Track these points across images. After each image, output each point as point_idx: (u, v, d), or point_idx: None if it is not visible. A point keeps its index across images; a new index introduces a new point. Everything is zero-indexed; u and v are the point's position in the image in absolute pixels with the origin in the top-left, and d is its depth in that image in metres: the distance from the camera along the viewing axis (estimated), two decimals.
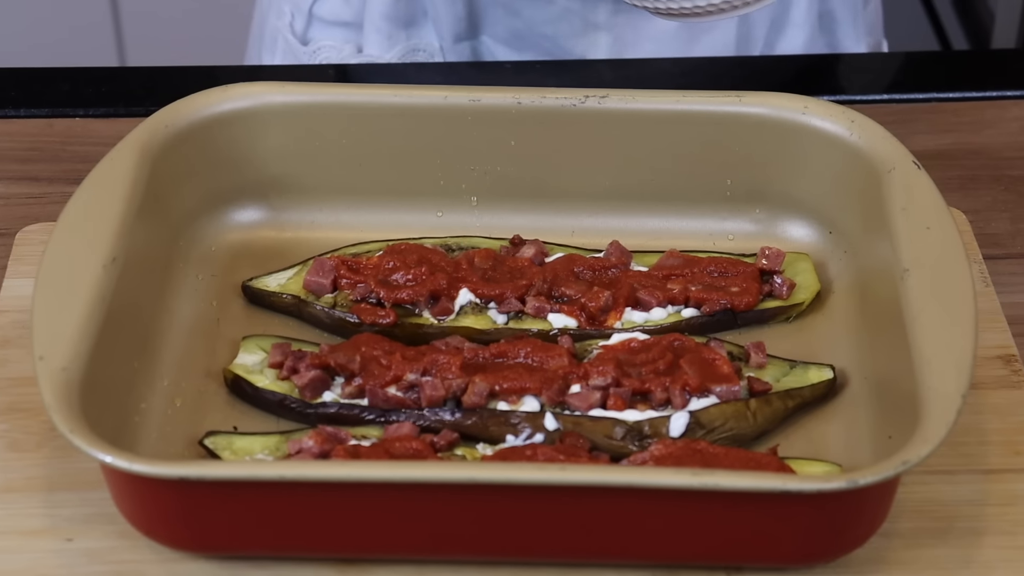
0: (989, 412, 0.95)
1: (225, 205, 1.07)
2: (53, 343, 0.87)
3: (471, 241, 1.05)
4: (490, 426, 0.93)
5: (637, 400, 0.93)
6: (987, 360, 0.98)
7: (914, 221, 0.95)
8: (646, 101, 1.05)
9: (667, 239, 1.06)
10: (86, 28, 2.41)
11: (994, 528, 0.88)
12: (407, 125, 1.06)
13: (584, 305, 1.00)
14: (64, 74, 1.27)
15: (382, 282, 1.01)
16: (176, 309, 1.01)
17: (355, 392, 0.94)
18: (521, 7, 1.28)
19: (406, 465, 0.85)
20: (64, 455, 0.92)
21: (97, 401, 0.87)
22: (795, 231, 1.07)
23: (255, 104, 1.06)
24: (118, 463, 0.82)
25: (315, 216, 1.08)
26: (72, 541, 0.88)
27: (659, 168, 1.07)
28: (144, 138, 1.01)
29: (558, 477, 0.82)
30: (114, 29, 2.43)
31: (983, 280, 1.04)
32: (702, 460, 0.89)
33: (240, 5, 2.04)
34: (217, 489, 0.83)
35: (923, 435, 0.83)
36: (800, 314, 1.02)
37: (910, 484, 0.90)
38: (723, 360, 0.95)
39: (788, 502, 0.82)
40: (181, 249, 1.04)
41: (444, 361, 0.95)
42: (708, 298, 1.00)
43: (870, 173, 1.01)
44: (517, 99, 1.05)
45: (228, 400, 0.96)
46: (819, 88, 1.22)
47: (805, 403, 0.95)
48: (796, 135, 1.04)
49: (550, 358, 0.95)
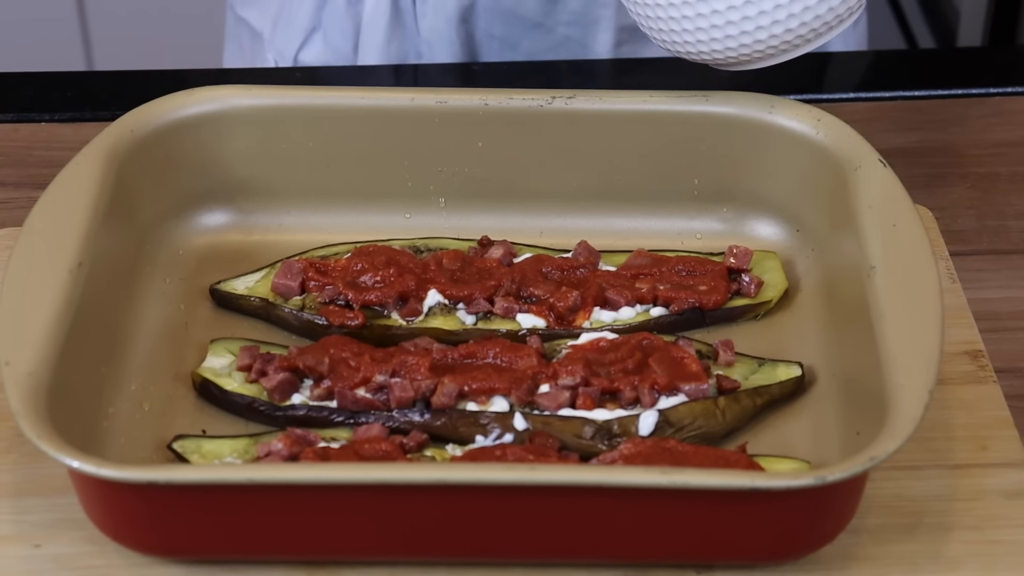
0: (956, 407, 0.95)
1: (192, 209, 1.07)
2: (19, 348, 0.87)
3: (439, 242, 1.05)
4: (459, 427, 0.93)
5: (606, 399, 0.94)
6: (954, 356, 0.98)
7: (880, 219, 0.96)
8: (613, 101, 1.05)
9: (635, 239, 1.07)
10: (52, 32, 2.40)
11: (962, 523, 0.89)
12: (374, 127, 1.06)
13: (553, 305, 1.00)
14: (29, 79, 1.27)
15: (350, 284, 1.00)
16: (144, 313, 1.01)
17: (324, 394, 0.94)
18: (519, 39, 1.28)
19: (376, 467, 0.85)
20: (31, 460, 0.91)
21: (64, 406, 0.87)
22: (763, 229, 1.07)
23: (221, 107, 1.05)
24: (86, 468, 0.82)
25: (283, 219, 1.08)
26: (40, 547, 0.88)
27: (627, 168, 1.07)
28: (110, 142, 1.01)
29: (528, 477, 0.82)
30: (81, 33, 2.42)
31: (949, 277, 1.04)
32: (671, 459, 0.89)
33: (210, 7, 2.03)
34: (186, 493, 0.83)
35: (891, 431, 0.83)
36: (768, 312, 1.03)
37: (878, 480, 0.90)
38: (692, 358, 0.95)
39: (757, 499, 0.82)
40: (148, 253, 1.04)
41: (413, 362, 0.95)
42: (676, 297, 1.01)
43: (837, 171, 1.01)
44: (484, 100, 1.05)
45: (196, 404, 0.96)
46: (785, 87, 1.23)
47: (773, 400, 0.96)
48: (763, 134, 1.05)
49: (519, 358, 0.95)
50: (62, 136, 1.19)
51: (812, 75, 1.27)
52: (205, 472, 0.84)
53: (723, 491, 0.82)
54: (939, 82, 1.25)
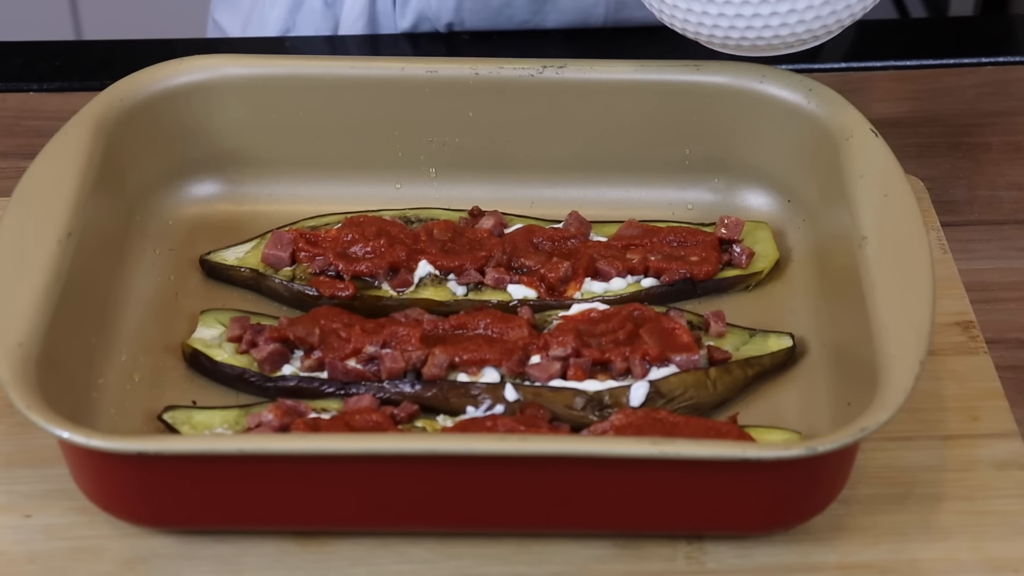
0: (947, 378, 0.95)
1: (182, 179, 1.06)
2: (9, 319, 0.87)
3: (430, 213, 1.05)
4: (450, 398, 0.93)
5: (597, 370, 0.94)
6: (945, 327, 0.98)
7: (872, 189, 0.96)
8: (604, 71, 1.05)
9: (626, 209, 1.06)
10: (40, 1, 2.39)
11: (952, 493, 0.89)
12: (364, 97, 1.05)
13: (544, 276, 1.00)
14: (18, 48, 1.26)
15: (341, 255, 1.00)
16: (133, 283, 1.00)
17: (314, 365, 0.94)
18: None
19: (366, 437, 0.85)
20: (22, 431, 0.91)
21: (54, 377, 0.87)
22: (754, 200, 1.07)
23: (211, 77, 1.05)
24: (76, 439, 0.81)
25: (273, 189, 1.08)
26: (30, 517, 0.88)
27: (618, 138, 1.07)
28: (99, 112, 1.01)
29: (518, 448, 0.82)
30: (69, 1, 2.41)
31: (941, 247, 1.04)
32: (662, 429, 0.89)
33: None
34: (176, 464, 0.83)
35: (881, 402, 0.83)
36: (759, 283, 1.03)
37: (869, 451, 0.90)
38: (683, 329, 0.95)
39: (748, 470, 0.82)
40: (138, 223, 1.03)
41: (404, 333, 0.94)
42: (667, 268, 1.00)
43: (828, 141, 1.01)
44: (474, 70, 1.05)
45: (187, 374, 0.96)
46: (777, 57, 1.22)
47: (765, 371, 0.96)
48: (754, 104, 1.04)
49: (510, 329, 0.95)
50: (51, 106, 1.19)
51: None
52: (195, 443, 0.84)
53: (714, 461, 0.82)
54: (931, 52, 1.25)
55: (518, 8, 1.24)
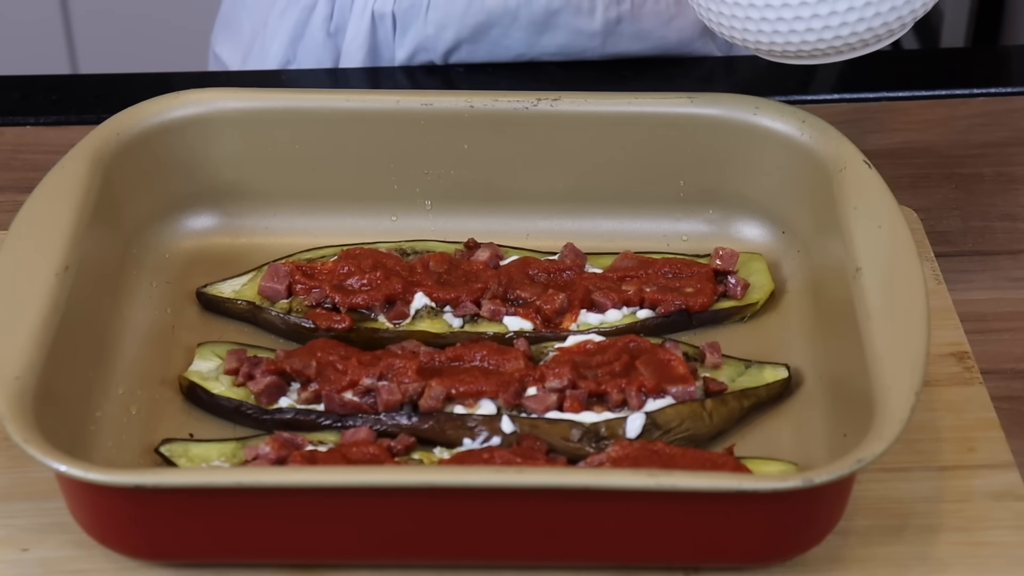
0: (943, 409, 0.96)
1: (178, 212, 1.07)
2: (6, 352, 0.87)
3: (426, 245, 1.05)
4: (447, 430, 0.93)
5: (593, 402, 0.94)
6: (940, 357, 0.99)
7: (866, 220, 0.96)
8: (598, 103, 1.06)
9: (621, 241, 1.07)
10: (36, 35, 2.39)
11: (949, 524, 0.89)
12: (360, 130, 1.06)
13: (539, 308, 1.00)
14: (14, 82, 1.27)
15: (337, 287, 1.00)
16: (131, 317, 1.00)
17: (311, 398, 0.94)
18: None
19: (363, 470, 0.85)
20: (19, 464, 0.91)
21: (52, 410, 0.87)
22: (748, 231, 1.08)
23: (207, 110, 1.05)
24: (73, 472, 0.81)
25: (269, 222, 1.08)
26: (28, 551, 0.88)
27: (612, 170, 1.07)
28: (96, 145, 1.01)
29: (515, 480, 0.82)
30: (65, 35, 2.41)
31: (935, 278, 1.05)
32: (659, 461, 0.89)
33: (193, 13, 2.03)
34: (173, 497, 0.83)
35: (877, 433, 0.83)
36: (754, 314, 1.03)
37: (865, 482, 0.90)
38: (679, 361, 0.95)
39: (744, 502, 0.82)
40: (135, 256, 1.03)
41: (400, 365, 0.95)
42: (663, 299, 1.01)
43: (822, 173, 1.01)
44: (469, 103, 1.05)
45: (184, 407, 0.96)
46: (770, 89, 1.23)
47: (760, 403, 0.96)
48: (748, 136, 1.05)
49: (506, 361, 0.95)
50: (48, 139, 1.19)
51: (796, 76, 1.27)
52: (193, 476, 0.84)
53: (710, 493, 0.82)
54: (923, 83, 1.25)
55: (515, 39, 1.25)
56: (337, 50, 1.29)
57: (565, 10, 1.23)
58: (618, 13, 1.24)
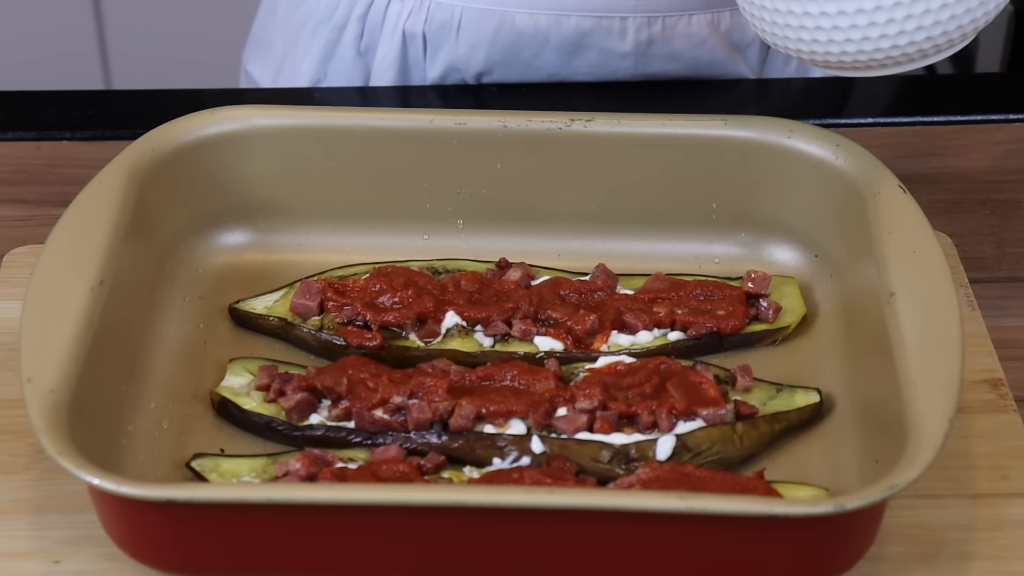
0: (976, 436, 0.95)
1: (212, 228, 1.07)
2: (41, 365, 0.87)
3: (457, 264, 1.05)
4: (477, 449, 0.93)
5: (624, 423, 0.94)
6: (974, 384, 0.98)
7: (900, 245, 0.96)
8: (632, 124, 1.06)
9: (653, 262, 1.07)
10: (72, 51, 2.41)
11: (982, 553, 0.89)
12: (393, 148, 1.06)
13: (570, 328, 1.00)
14: (51, 97, 1.27)
15: (369, 305, 1.01)
16: (163, 331, 1.01)
17: (342, 415, 0.94)
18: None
19: (393, 488, 0.85)
20: (52, 477, 0.92)
21: (85, 423, 0.87)
22: (781, 255, 1.07)
23: (241, 127, 1.06)
24: (105, 485, 0.82)
25: (302, 239, 1.08)
26: (59, 563, 0.88)
27: (645, 191, 1.07)
28: (131, 161, 1.01)
29: (545, 500, 0.82)
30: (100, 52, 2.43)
31: (969, 304, 1.04)
32: (689, 484, 0.89)
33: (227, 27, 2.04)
34: (204, 511, 0.83)
35: (910, 459, 0.83)
36: (786, 338, 1.03)
37: (897, 508, 0.90)
38: (709, 383, 0.95)
39: (775, 526, 0.82)
40: (168, 271, 1.04)
41: (431, 384, 0.95)
42: (694, 321, 1.01)
43: (856, 197, 1.01)
44: (503, 122, 1.06)
45: (215, 422, 0.96)
46: (804, 112, 1.23)
47: (792, 427, 0.96)
48: (782, 159, 1.05)
49: (536, 381, 0.95)
50: (83, 154, 1.19)
51: (831, 100, 1.27)
52: (223, 491, 0.85)
53: (741, 517, 0.82)
54: (958, 108, 1.25)
55: (547, 60, 1.25)
56: (367, 69, 1.30)
57: (596, 32, 1.23)
58: (649, 35, 1.24)
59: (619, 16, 1.23)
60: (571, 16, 1.22)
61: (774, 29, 0.98)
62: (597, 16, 1.22)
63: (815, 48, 0.97)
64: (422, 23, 1.25)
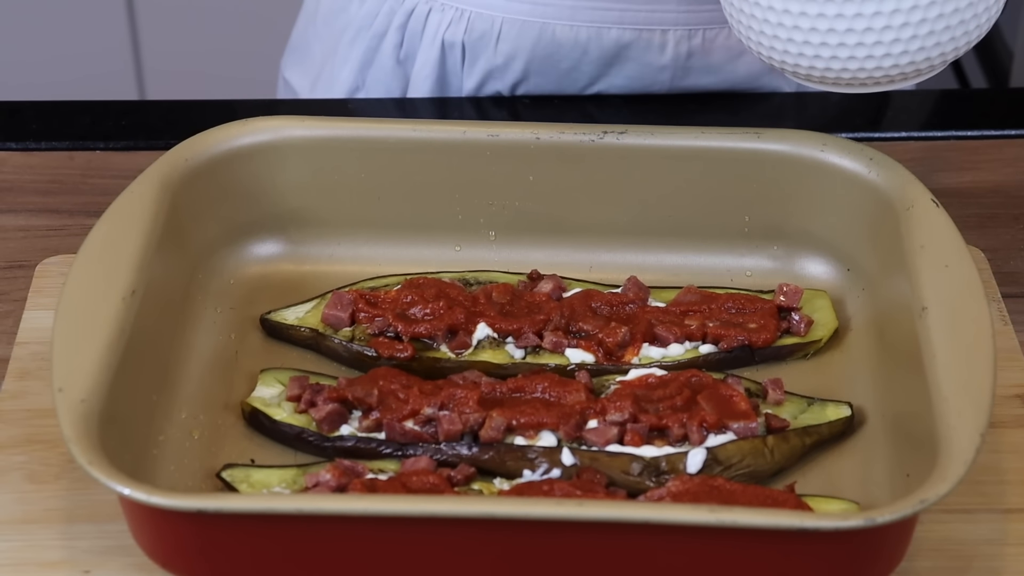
0: (1007, 451, 0.95)
1: (244, 238, 1.07)
2: (72, 375, 0.88)
3: (489, 275, 1.05)
4: (507, 461, 0.93)
5: (654, 436, 0.93)
6: (1005, 399, 0.98)
7: (932, 259, 0.95)
8: (664, 137, 1.05)
9: (685, 275, 1.07)
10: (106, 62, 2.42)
11: (1013, 568, 0.88)
12: (426, 159, 1.06)
13: (602, 340, 1.00)
14: (85, 107, 1.28)
15: (400, 316, 1.01)
16: (194, 342, 1.01)
17: (372, 426, 0.94)
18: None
19: (423, 499, 0.85)
20: (82, 487, 0.92)
21: (116, 433, 0.87)
22: (813, 268, 1.07)
23: (274, 138, 1.06)
24: (136, 495, 0.82)
25: (333, 250, 1.08)
26: (90, 573, 0.88)
27: (677, 204, 1.07)
28: (164, 171, 1.02)
29: (575, 513, 0.82)
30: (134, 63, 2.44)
31: (1001, 319, 1.04)
32: (719, 497, 0.88)
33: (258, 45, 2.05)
34: (234, 522, 0.83)
35: (941, 473, 0.83)
36: (818, 351, 1.02)
37: (928, 523, 0.90)
38: (740, 397, 0.95)
39: (806, 540, 0.82)
40: (200, 282, 1.04)
41: (461, 395, 0.95)
42: (726, 334, 1.00)
43: (888, 211, 1.01)
44: (535, 134, 1.06)
45: (246, 433, 0.97)
46: (837, 126, 1.23)
47: (823, 440, 0.95)
48: (815, 172, 1.04)
49: (567, 393, 0.95)
50: (117, 164, 1.20)
51: (864, 114, 1.27)
52: (254, 502, 0.85)
53: (771, 531, 0.81)
54: (992, 122, 1.24)
55: (584, 72, 1.25)
56: (406, 78, 1.30)
57: (636, 44, 1.23)
58: (689, 48, 1.24)
59: (660, 29, 1.23)
60: (612, 28, 1.22)
61: (760, 39, 0.98)
62: (638, 29, 1.22)
63: (800, 61, 0.97)
64: (462, 33, 1.26)
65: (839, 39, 0.95)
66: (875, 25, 0.94)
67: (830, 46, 0.95)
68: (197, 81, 2.35)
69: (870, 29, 0.94)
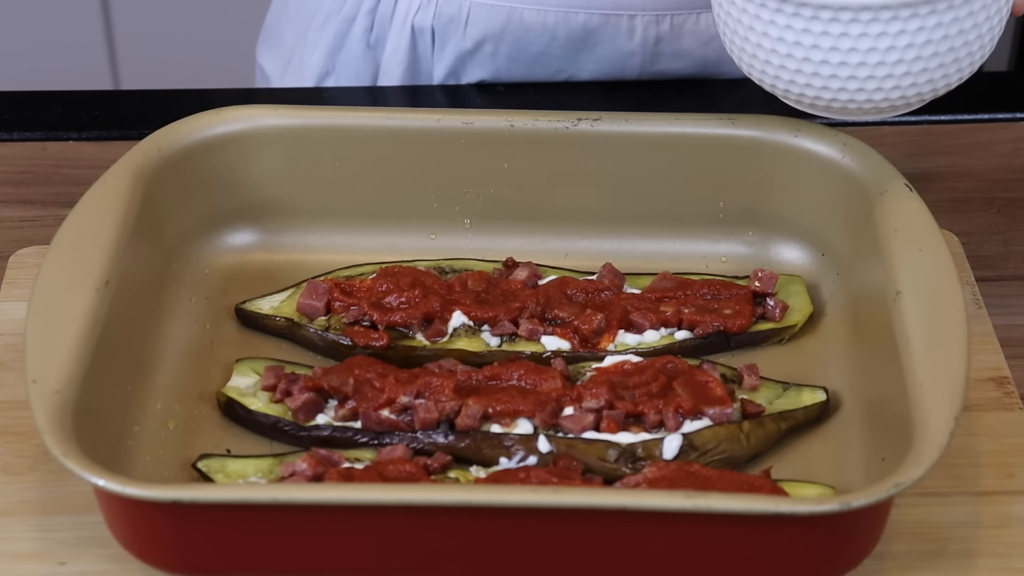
0: (982, 434, 0.95)
1: (218, 228, 1.07)
2: (46, 366, 0.87)
3: (464, 263, 1.05)
4: (483, 448, 0.93)
5: (630, 422, 0.94)
6: (980, 382, 0.98)
7: (906, 243, 0.96)
8: (639, 124, 1.05)
9: (660, 261, 1.07)
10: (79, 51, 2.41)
11: (987, 550, 0.88)
12: (400, 148, 1.06)
13: (577, 328, 1.00)
14: (57, 97, 1.28)
15: (375, 305, 1.01)
16: (169, 332, 1.01)
17: (348, 415, 0.94)
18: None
19: (399, 488, 0.85)
20: (57, 478, 0.92)
21: (90, 424, 0.87)
22: (788, 253, 1.07)
23: (248, 127, 1.06)
24: (111, 486, 0.82)
25: (308, 239, 1.08)
26: (65, 565, 0.88)
27: (652, 190, 1.07)
28: (137, 161, 1.02)
29: (551, 500, 0.82)
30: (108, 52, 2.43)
31: (975, 302, 1.04)
32: (695, 483, 0.89)
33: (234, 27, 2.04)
34: (210, 512, 0.83)
35: (916, 457, 0.83)
36: (793, 336, 1.02)
37: (903, 506, 0.90)
38: (716, 382, 0.95)
39: (781, 524, 0.82)
40: (174, 272, 1.04)
41: (437, 384, 0.95)
42: (701, 320, 1.01)
43: (862, 196, 1.01)
44: (510, 122, 1.06)
45: (221, 423, 0.96)
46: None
47: (798, 425, 0.96)
48: (788, 158, 1.05)
49: (543, 380, 0.95)
50: (89, 154, 1.20)
51: None
52: (230, 491, 0.85)
53: (747, 516, 0.82)
54: (965, 107, 1.25)
55: (555, 57, 1.25)
56: (376, 63, 1.30)
57: (604, 29, 1.23)
58: (657, 33, 1.24)
59: (627, 14, 1.23)
60: (579, 13, 1.22)
61: (752, 62, 0.98)
62: (605, 13, 1.22)
63: (790, 88, 0.98)
64: (431, 18, 1.25)
65: (832, 71, 0.96)
66: (869, 60, 0.95)
67: (822, 76, 0.96)
68: (173, 70, 2.34)
69: (864, 64, 0.95)
